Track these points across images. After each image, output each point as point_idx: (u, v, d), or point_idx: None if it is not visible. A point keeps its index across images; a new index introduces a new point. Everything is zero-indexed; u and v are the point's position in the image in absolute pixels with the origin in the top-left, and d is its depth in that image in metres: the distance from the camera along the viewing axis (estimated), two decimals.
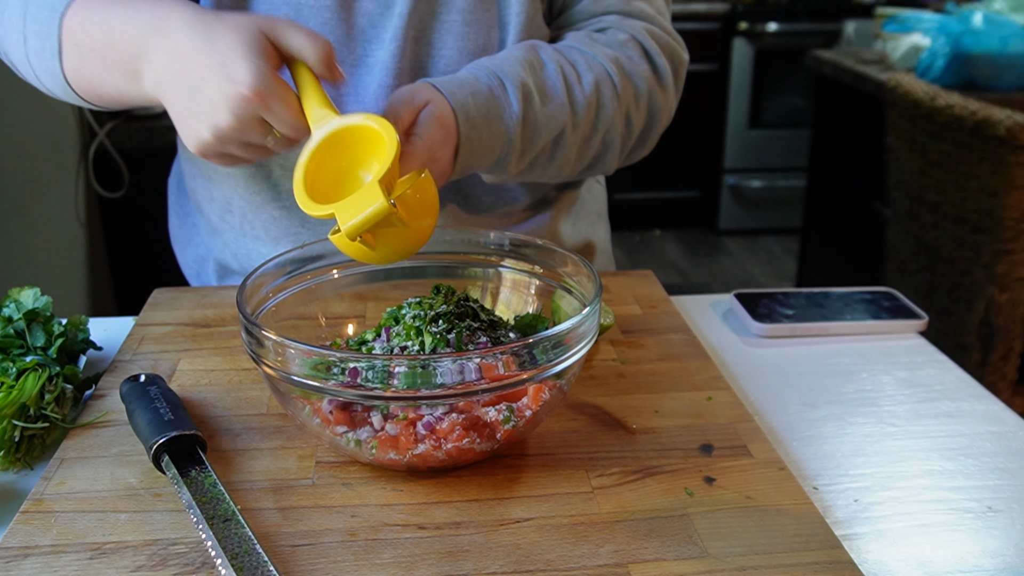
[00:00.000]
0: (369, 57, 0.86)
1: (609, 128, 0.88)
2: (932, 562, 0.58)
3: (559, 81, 0.83)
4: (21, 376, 0.68)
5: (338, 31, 0.85)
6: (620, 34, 0.90)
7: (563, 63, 0.85)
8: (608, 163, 0.91)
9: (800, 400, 0.77)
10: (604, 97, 0.86)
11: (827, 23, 3.64)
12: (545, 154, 0.85)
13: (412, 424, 0.60)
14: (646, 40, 0.90)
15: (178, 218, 1.07)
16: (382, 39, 0.86)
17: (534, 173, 0.87)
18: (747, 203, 3.92)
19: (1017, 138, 1.56)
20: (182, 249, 1.07)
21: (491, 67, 0.81)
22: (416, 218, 0.64)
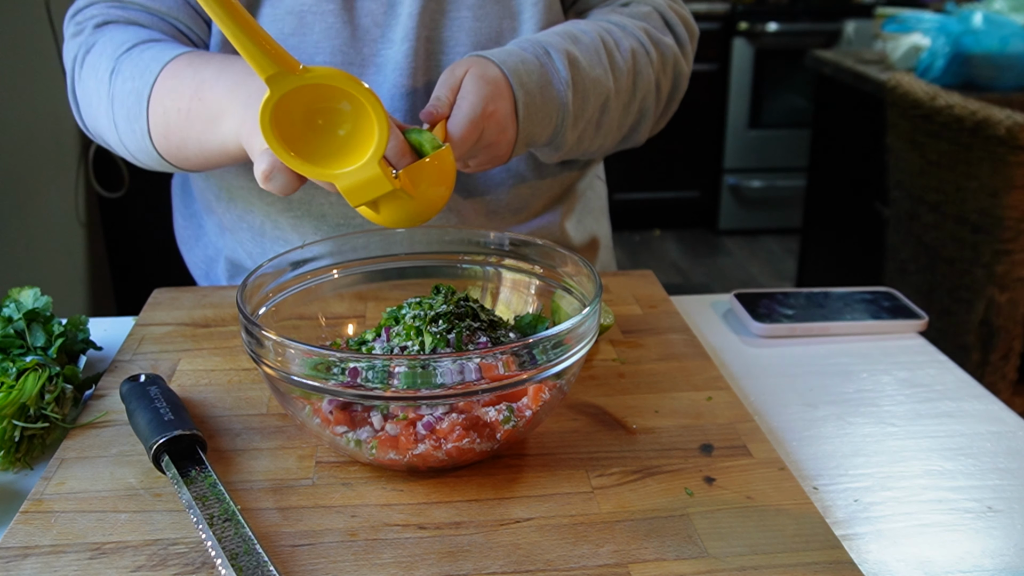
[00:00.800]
0: (378, 57, 0.86)
1: (645, 94, 0.90)
2: (932, 562, 0.58)
3: (600, 48, 0.85)
4: (21, 376, 0.68)
5: (343, 33, 0.85)
6: (643, 7, 0.94)
7: (601, 32, 0.87)
8: (642, 131, 0.94)
9: (800, 400, 0.77)
10: (640, 64, 0.88)
11: (827, 23, 3.64)
12: (592, 123, 0.87)
13: (412, 424, 0.60)
14: (666, 11, 0.95)
15: (183, 219, 1.07)
16: (391, 39, 0.86)
17: (583, 145, 0.89)
18: (747, 203, 3.92)
19: (1017, 138, 1.56)
20: (189, 249, 1.07)
21: (532, 39, 0.83)
22: (428, 188, 0.65)
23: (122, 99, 0.80)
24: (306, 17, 0.85)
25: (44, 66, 1.81)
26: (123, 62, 0.81)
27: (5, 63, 1.64)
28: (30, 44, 1.74)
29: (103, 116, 0.83)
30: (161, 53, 0.80)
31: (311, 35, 0.85)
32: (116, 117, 0.82)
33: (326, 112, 0.60)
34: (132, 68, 0.80)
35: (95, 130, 0.88)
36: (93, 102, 0.84)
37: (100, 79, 0.82)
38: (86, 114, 0.87)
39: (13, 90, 1.67)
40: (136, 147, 0.83)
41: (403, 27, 0.85)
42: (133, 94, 0.79)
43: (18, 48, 1.69)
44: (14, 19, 1.67)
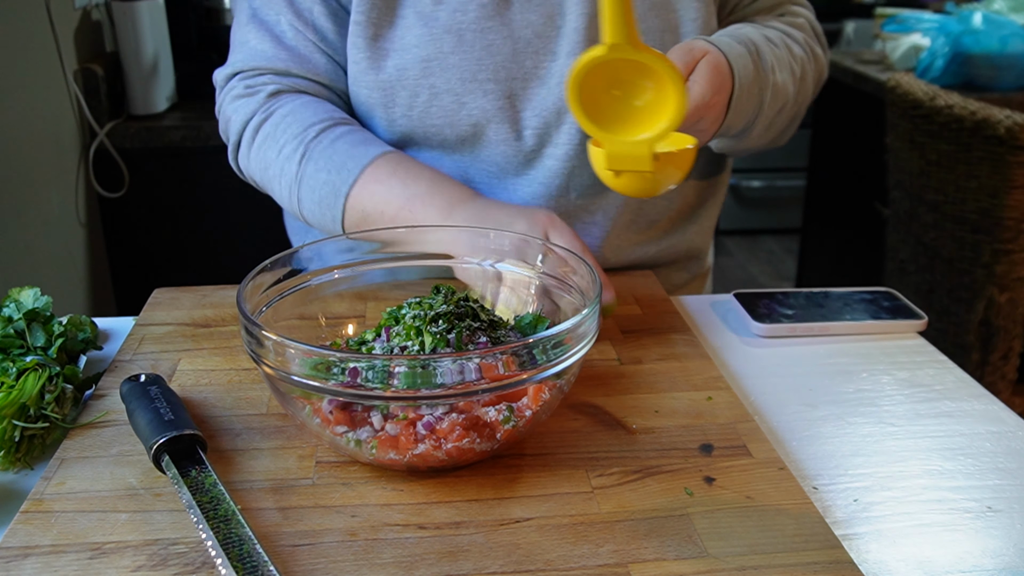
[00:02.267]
0: (540, 70, 0.88)
1: (802, 102, 0.95)
2: (932, 562, 0.58)
3: (785, 54, 0.90)
4: (21, 376, 0.68)
5: (504, 49, 0.87)
6: (797, 18, 0.99)
7: (784, 39, 0.92)
8: (790, 133, 0.99)
9: (800, 400, 0.77)
10: (807, 71, 0.93)
11: (827, 23, 3.61)
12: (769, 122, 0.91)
13: (412, 424, 0.60)
14: (816, 23, 1.01)
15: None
16: (555, 52, 0.88)
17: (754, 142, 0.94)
18: (747, 203, 3.92)
19: (1017, 138, 1.56)
20: (300, 240, 1.10)
21: (738, 35, 0.87)
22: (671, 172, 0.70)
23: (313, 186, 0.87)
24: (465, 35, 0.87)
25: (44, 67, 1.81)
26: (314, 148, 0.87)
27: (5, 63, 1.64)
28: (30, 44, 1.74)
29: (280, 188, 0.91)
30: (355, 148, 0.86)
31: (472, 52, 0.87)
32: (302, 197, 0.88)
33: (629, 84, 0.66)
34: (327, 160, 0.86)
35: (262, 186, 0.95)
36: (270, 173, 0.91)
37: (286, 156, 0.89)
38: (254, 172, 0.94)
39: (13, 90, 1.67)
40: (320, 226, 0.90)
41: (569, 41, 0.87)
42: (328, 186, 0.85)
43: (18, 48, 1.69)
44: (14, 19, 1.67)
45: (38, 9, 1.76)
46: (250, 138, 0.93)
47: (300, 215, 0.91)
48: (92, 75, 1.94)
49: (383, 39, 0.89)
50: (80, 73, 1.93)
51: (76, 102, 1.93)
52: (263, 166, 0.92)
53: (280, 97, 0.92)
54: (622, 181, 0.70)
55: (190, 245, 2.08)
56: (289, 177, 0.89)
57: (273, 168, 0.91)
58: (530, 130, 0.91)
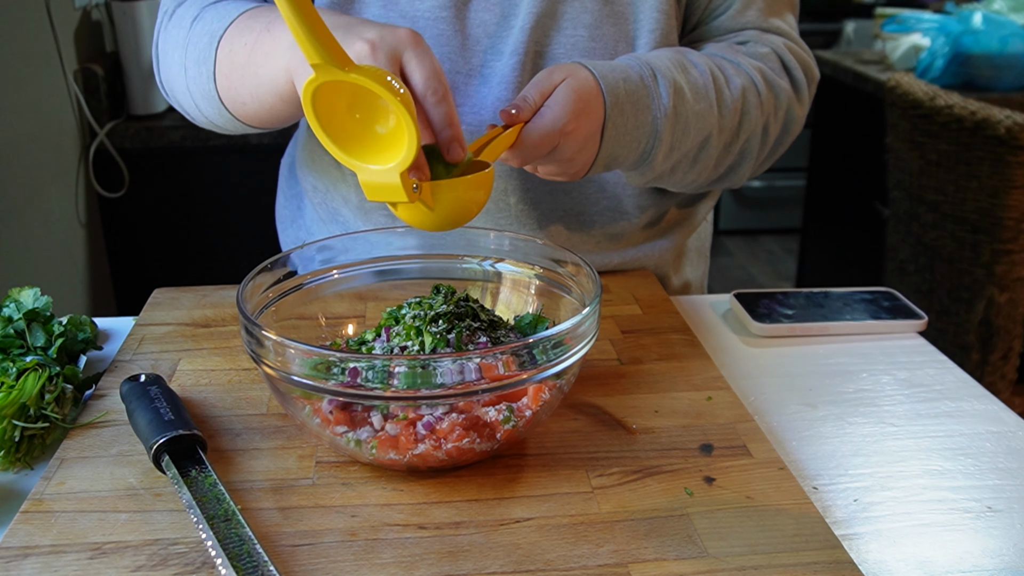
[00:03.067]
0: (485, 68, 0.86)
1: (750, 136, 0.88)
2: (932, 562, 0.58)
3: (709, 82, 0.83)
4: (21, 376, 0.68)
5: (453, 42, 0.85)
6: (761, 47, 0.91)
7: (712, 67, 0.85)
8: (741, 173, 0.91)
9: (800, 400, 0.77)
10: (749, 104, 0.86)
11: (827, 23, 3.64)
12: (689, 157, 0.85)
13: (412, 424, 0.60)
14: (785, 54, 0.91)
15: (286, 199, 1.08)
16: (500, 51, 0.86)
17: (674, 177, 0.87)
18: (747, 203, 3.92)
19: (1017, 138, 1.56)
20: (284, 229, 1.08)
21: (643, 59, 0.81)
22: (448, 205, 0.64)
23: (196, 42, 0.81)
24: (418, 22, 0.85)
25: (44, 67, 1.81)
26: (208, 11, 0.82)
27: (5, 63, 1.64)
28: (30, 45, 1.74)
29: (176, 64, 0.84)
30: (246, 3, 0.81)
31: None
32: (187, 61, 0.82)
33: (367, 107, 0.61)
34: (214, 14, 0.81)
35: (168, 83, 0.88)
36: (171, 52, 0.84)
37: (182, 26, 0.83)
38: (163, 66, 0.87)
39: (13, 90, 1.67)
40: (200, 92, 0.82)
41: (514, 40, 0.85)
42: (206, 35, 0.80)
43: (18, 48, 1.69)
44: (14, 19, 1.67)
45: (38, 9, 1.76)
46: (160, 29, 0.88)
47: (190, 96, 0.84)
48: (92, 75, 1.94)
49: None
50: (80, 73, 1.93)
51: (76, 102, 1.93)
52: (166, 52, 0.86)
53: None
54: (403, 213, 0.64)
55: (190, 245, 2.08)
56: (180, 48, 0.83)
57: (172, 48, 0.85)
58: (466, 127, 0.88)
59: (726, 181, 0.93)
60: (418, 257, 0.78)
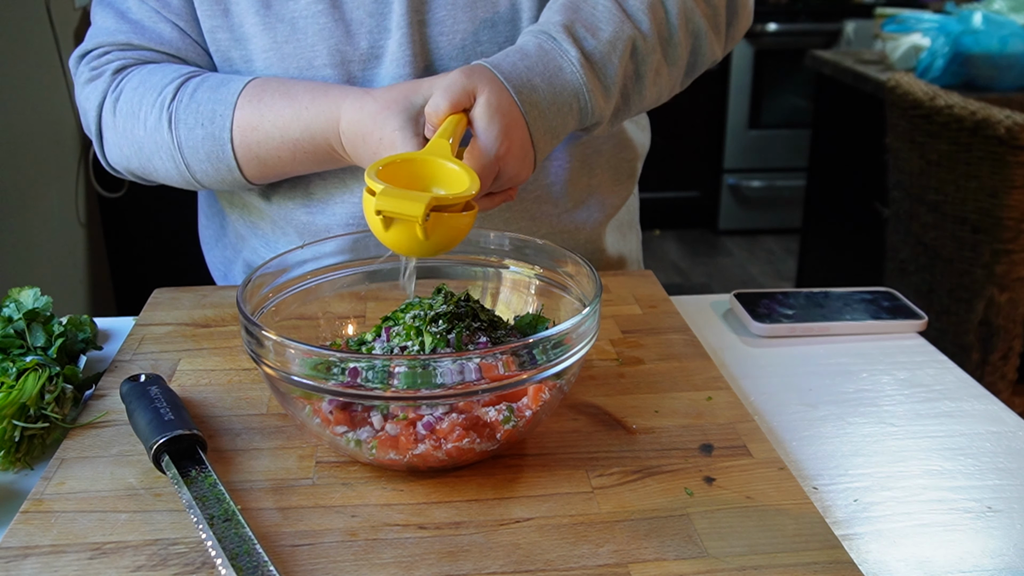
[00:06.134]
0: (376, 49, 0.86)
1: (687, 18, 0.86)
2: (932, 562, 0.58)
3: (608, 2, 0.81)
4: (21, 376, 0.68)
5: (337, 32, 0.84)
6: None
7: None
8: (707, 49, 0.89)
9: (800, 400, 0.77)
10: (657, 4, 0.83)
11: (827, 23, 3.64)
12: (631, 77, 0.83)
13: (412, 424, 0.60)
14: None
15: (207, 218, 1.07)
16: (386, 28, 0.85)
17: (638, 99, 0.86)
18: (747, 203, 3.92)
19: (1017, 138, 1.56)
20: (210, 249, 1.07)
21: (535, 28, 0.81)
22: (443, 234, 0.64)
23: (195, 147, 0.84)
24: (298, 22, 0.84)
25: (44, 66, 1.81)
26: (177, 110, 0.84)
27: (5, 63, 1.64)
28: (30, 44, 1.74)
29: (163, 163, 0.86)
30: (216, 92, 0.84)
31: (306, 38, 0.85)
32: (188, 162, 0.85)
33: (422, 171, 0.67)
34: (195, 116, 0.83)
35: (139, 169, 0.90)
36: (146, 151, 0.86)
37: (152, 128, 0.85)
38: (128, 158, 0.89)
39: (13, 90, 1.67)
40: (208, 181, 0.87)
41: (396, 15, 0.84)
42: (209, 140, 0.83)
43: (18, 48, 1.69)
44: (14, 20, 1.67)
45: (38, 9, 1.76)
46: (109, 123, 0.88)
47: (194, 181, 0.87)
48: None
49: (223, 29, 0.87)
50: None
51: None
52: (135, 148, 0.87)
53: (126, 71, 0.87)
54: (394, 235, 0.64)
55: (190, 245, 2.08)
56: (167, 148, 0.85)
57: (147, 146, 0.86)
58: None
59: (700, 63, 0.90)
60: (418, 257, 0.77)
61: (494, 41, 0.86)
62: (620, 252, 1.05)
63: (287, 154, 0.83)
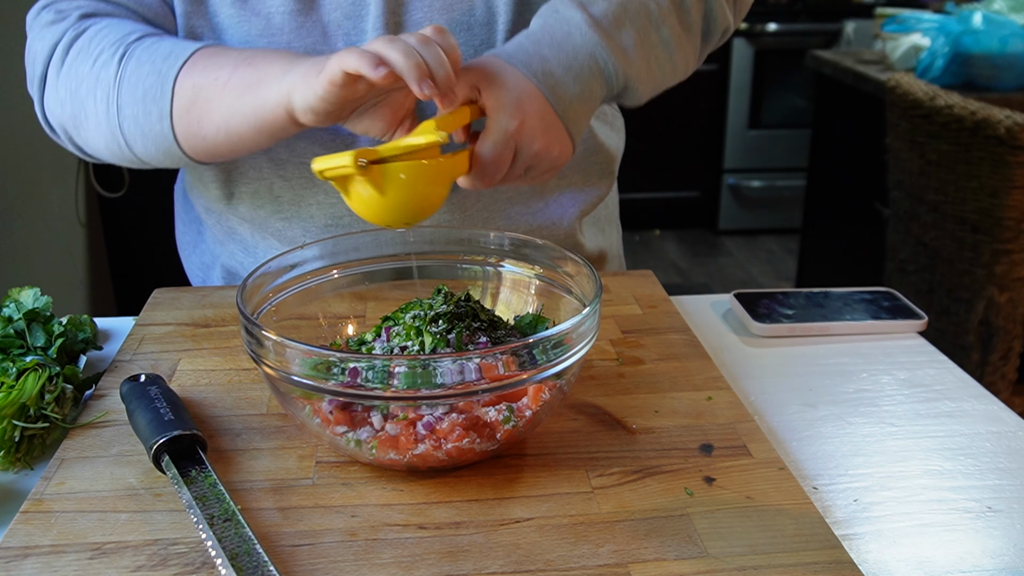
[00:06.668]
0: None
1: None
2: (932, 562, 0.58)
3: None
4: (21, 376, 0.68)
5: (314, 32, 0.83)
6: None
7: None
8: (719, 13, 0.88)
9: (800, 400, 0.77)
10: None
11: (827, 23, 3.64)
12: (655, 44, 0.82)
13: (412, 424, 0.60)
14: None
15: (184, 224, 1.07)
16: (363, 31, 0.84)
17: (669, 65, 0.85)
18: (747, 203, 3.92)
19: (1017, 138, 1.56)
20: (188, 255, 1.06)
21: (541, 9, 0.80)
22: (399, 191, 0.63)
23: (135, 82, 0.78)
24: (274, 18, 0.83)
25: None
26: (136, 48, 0.79)
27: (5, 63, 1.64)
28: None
29: (95, 104, 0.80)
30: (184, 43, 0.79)
31: (281, 36, 0.83)
32: (121, 102, 0.78)
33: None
34: (151, 54, 0.78)
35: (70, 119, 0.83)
36: (82, 88, 0.80)
37: (100, 64, 0.79)
38: (62, 101, 0.83)
39: (13, 91, 1.67)
40: (139, 130, 0.79)
41: (372, 16, 0.83)
42: (154, 75, 0.77)
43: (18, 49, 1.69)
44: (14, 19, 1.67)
45: None
46: (59, 61, 0.82)
47: (120, 136, 0.80)
48: None
49: (198, 15, 0.85)
50: None
51: None
52: (74, 87, 0.81)
53: (94, 17, 0.82)
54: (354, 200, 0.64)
55: None
56: (106, 84, 0.78)
57: (86, 83, 0.80)
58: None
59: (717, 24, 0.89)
60: (418, 257, 0.77)
61: (470, 44, 0.86)
62: (600, 247, 1.05)
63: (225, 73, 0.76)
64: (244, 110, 0.74)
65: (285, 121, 0.73)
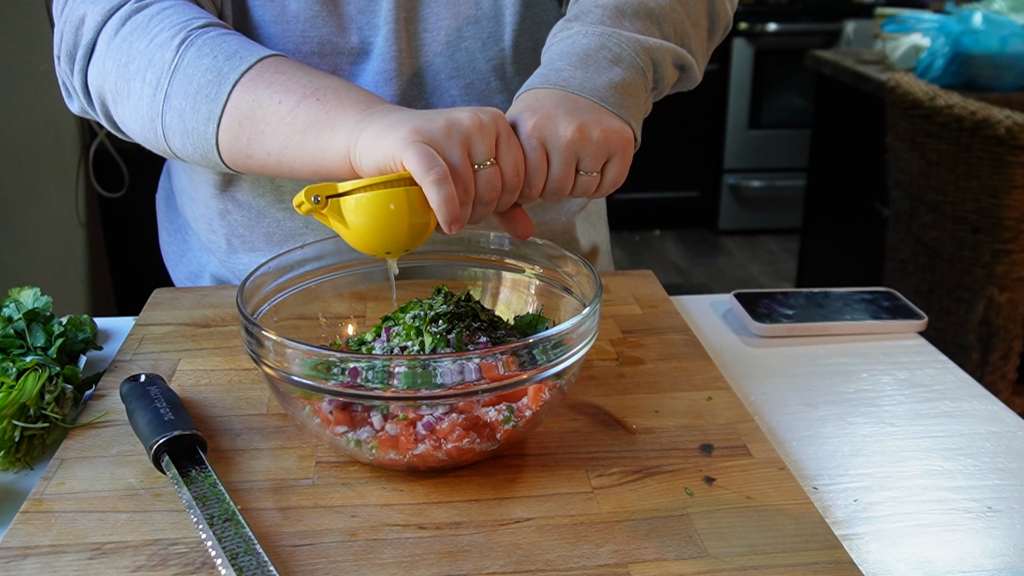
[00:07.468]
0: (366, 45, 0.86)
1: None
2: (932, 562, 0.58)
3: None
4: (21, 376, 0.68)
5: (329, 23, 0.84)
6: None
7: None
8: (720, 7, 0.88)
9: (800, 400, 0.77)
10: None
11: (827, 23, 3.64)
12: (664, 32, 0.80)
13: (412, 424, 0.60)
14: None
15: (168, 234, 1.05)
16: (375, 25, 0.85)
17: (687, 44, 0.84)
18: (747, 203, 3.92)
19: (1017, 138, 1.56)
20: (174, 265, 1.05)
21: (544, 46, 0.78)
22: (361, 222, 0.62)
23: (192, 73, 0.72)
24: (289, 6, 0.83)
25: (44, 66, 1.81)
26: (199, 37, 0.74)
27: (5, 63, 1.64)
28: (30, 44, 1.74)
29: (143, 86, 0.75)
30: (250, 44, 0.74)
31: (296, 24, 0.83)
32: (171, 91, 0.73)
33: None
34: (213, 48, 0.73)
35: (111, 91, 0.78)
36: (133, 64, 0.75)
37: (158, 44, 0.74)
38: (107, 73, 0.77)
39: (13, 90, 1.67)
40: (180, 127, 0.74)
41: (384, 10, 0.84)
42: (212, 72, 0.72)
43: (18, 48, 1.69)
44: (14, 19, 1.68)
45: (38, 9, 1.76)
46: (113, 30, 0.76)
47: (160, 125, 0.75)
48: None
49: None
50: None
51: None
52: (124, 60, 0.75)
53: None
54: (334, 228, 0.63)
55: None
56: (159, 67, 0.73)
57: (138, 60, 0.74)
58: None
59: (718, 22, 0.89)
60: (418, 257, 0.78)
61: (477, 37, 0.87)
62: (593, 242, 1.06)
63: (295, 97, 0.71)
64: (304, 149, 0.69)
65: (345, 171, 0.68)
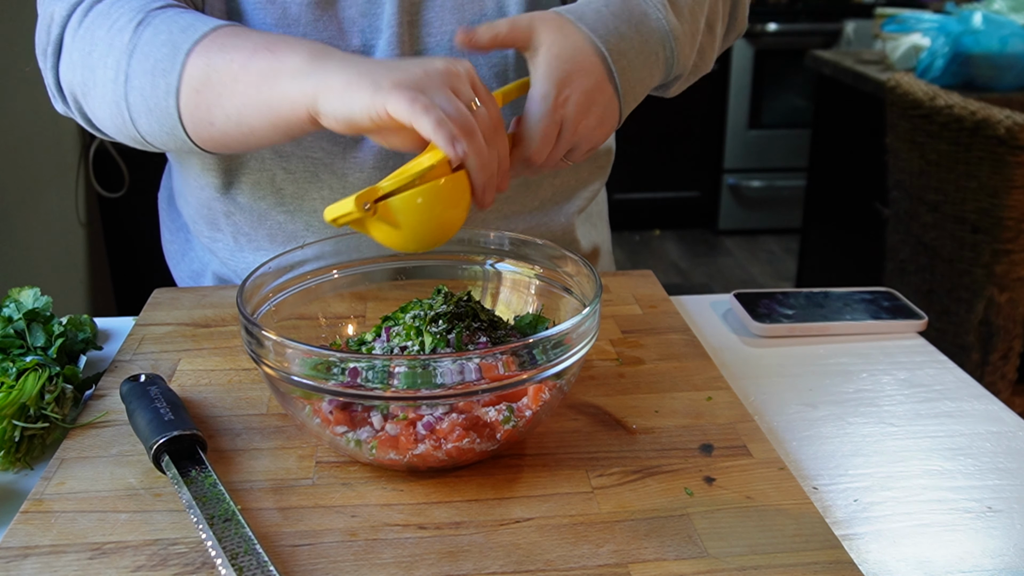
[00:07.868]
0: (368, 47, 0.85)
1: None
2: (932, 562, 0.58)
3: None
4: (21, 376, 0.68)
5: (331, 27, 0.84)
6: None
7: None
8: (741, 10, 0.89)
9: (800, 400, 0.77)
10: None
11: (827, 23, 3.64)
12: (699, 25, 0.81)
13: (412, 424, 0.60)
14: None
15: (170, 233, 1.05)
16: (378, 28, 0.84)
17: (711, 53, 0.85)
18: (747, 203, 3.92)
19: (1017, 138, 1.56)
20: (176, 264, 1.05)
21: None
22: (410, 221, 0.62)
23: (148, 51, 0.72)
24: (290, 8, 0.82)
25: None
26: (156, 16, 0.73)
27: (5, 63, 1.64)
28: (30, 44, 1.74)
29: (105, 68, 0.74)
30: (206, 19, 0.73)
31: (296, 27, 0.83)
32: (130, 70, 0.73)
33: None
34: (168, 25, 0.72)
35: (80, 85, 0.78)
36: (95, 53, 0.75)
37: (116, 29, 0.73)
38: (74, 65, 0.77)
39: (13, 90, 1.67)
40: (144, 105, 0.73)
41: (387, 14, 0.84)
42: (167, 46, 0.71)
43: (18, 48, 1.69)
44: (14, 19, 1.68)
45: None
46: (76, 23, 0.76)
47: (125, 108, 0.74)
48: None
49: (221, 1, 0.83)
50: None
51: None
52: (87, 50, 0.74)
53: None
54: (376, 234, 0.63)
55: None
56: (119, 51, 0.72)
57: (99, 48, 0.74)
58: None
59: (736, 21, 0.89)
60: (418, 257, 0.78)
61: None
62: (593, 243, 1.05)
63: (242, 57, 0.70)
64: (259, 102, 0.68)
65: (304, 122, 0.67)
